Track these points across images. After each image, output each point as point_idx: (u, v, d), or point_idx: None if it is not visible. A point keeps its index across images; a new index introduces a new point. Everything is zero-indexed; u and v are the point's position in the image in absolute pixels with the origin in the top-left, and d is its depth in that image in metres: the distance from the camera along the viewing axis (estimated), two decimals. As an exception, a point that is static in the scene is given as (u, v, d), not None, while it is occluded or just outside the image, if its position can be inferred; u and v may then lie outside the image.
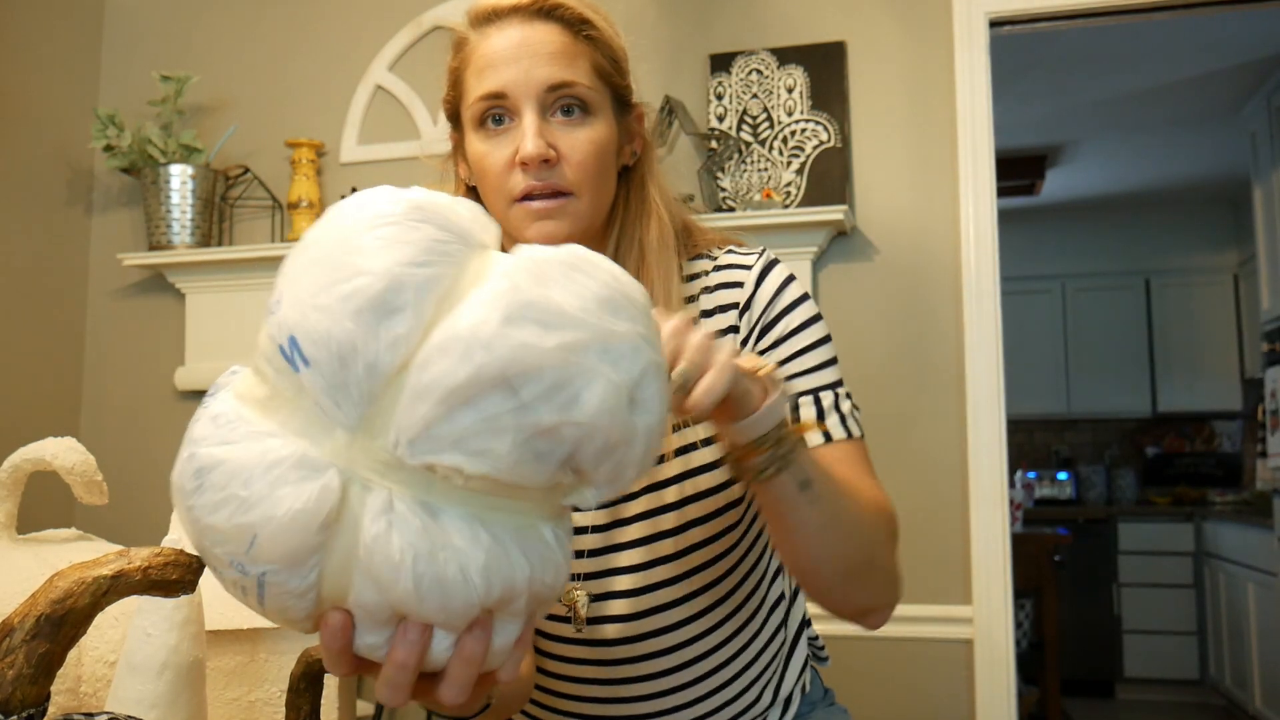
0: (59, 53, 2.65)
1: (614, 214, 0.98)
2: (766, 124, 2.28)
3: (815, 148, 2.25)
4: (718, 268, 0.99)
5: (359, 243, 0.53)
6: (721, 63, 2.33)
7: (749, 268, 0.97)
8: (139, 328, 2.66)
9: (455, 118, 0.98)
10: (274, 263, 2.47)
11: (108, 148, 2.50)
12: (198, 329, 2.56)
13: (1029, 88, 3.98)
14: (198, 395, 2.59)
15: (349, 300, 0.52)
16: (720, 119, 2.31)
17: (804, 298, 0.98)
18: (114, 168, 2.56)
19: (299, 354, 0.52)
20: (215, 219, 2.59)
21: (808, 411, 0.94)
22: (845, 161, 2.23)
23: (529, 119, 0.89)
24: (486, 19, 0.93)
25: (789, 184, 2.24)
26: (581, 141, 0.90)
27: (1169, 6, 2.20)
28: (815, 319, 0.97)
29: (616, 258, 0.97)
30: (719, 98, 2.32)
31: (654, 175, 1.00)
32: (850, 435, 0.93)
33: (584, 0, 0.93)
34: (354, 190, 2.63)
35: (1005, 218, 2.48)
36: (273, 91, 2.65)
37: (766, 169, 2.26)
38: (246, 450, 0.52)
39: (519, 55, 0.89)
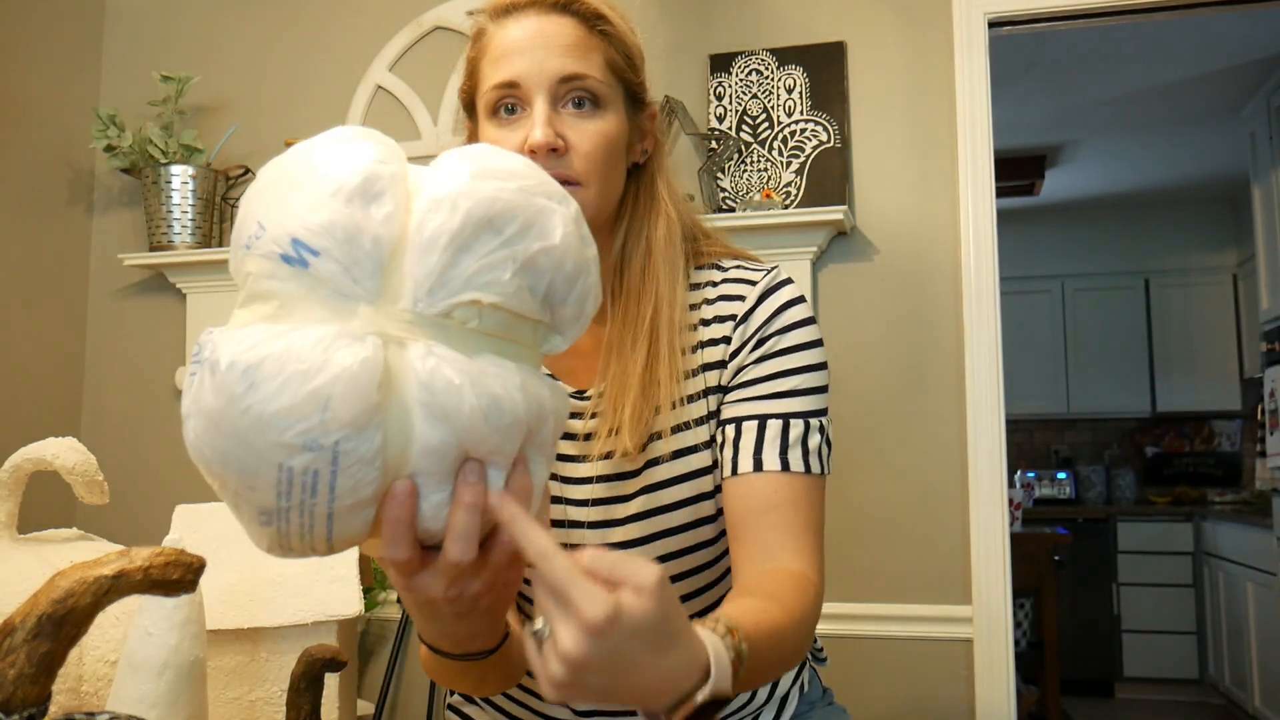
0: (59, 53, 2.65)
1: (622, 210, 0.99)
2: (766, 124, 2.28)
3: (815, 148, 2.25)
4: (725, 280, 0.99)
5: (326, 157, 0.60)
6: (721, 63, 2.33)
7: (754, 284, 0.97)
8: (139, 328, 2.66)
9: (470, 107, 1.00)
10: (274, 263, 2.47)
11: (108, 148, 2.50)
12: (198, 329, 2.56)
13: (1029, 88, 3.98)
14: (198, 395, 2.59)
15: (337, 195, 0.58)
16: (720, 119, 2.31)
17: (806, 321, 0.97)
18: (115, 168, 2.56)
19: (306, 249, 0.57)
20: (216, 219, 2.59)
21: (772, 434, 0.92)
22: (845, 161, 2.23)
23: (539, 108, 0.90)
24: (505, 11, 0.94)
25: (789, 184, 2.24)
26: (591, 133, 0.92)
27: (1169, 6, 2.20)
28: (812, 344, 0.96)
29: (624, 253, 0.98)
30: (719, 98, 2.32)
31: (664, 174, 1.01)
32: (808, 471, 0.91)
33: None
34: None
35: (1005, 218, 2.48)
36: (273, 91, 2.65)
37: (766, 169, 2.26)
38: (287, 340, 0.55)
39: (533, 46, 0.91)
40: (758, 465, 0.91)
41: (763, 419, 0.93)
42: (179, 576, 0.62)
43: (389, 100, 2.56)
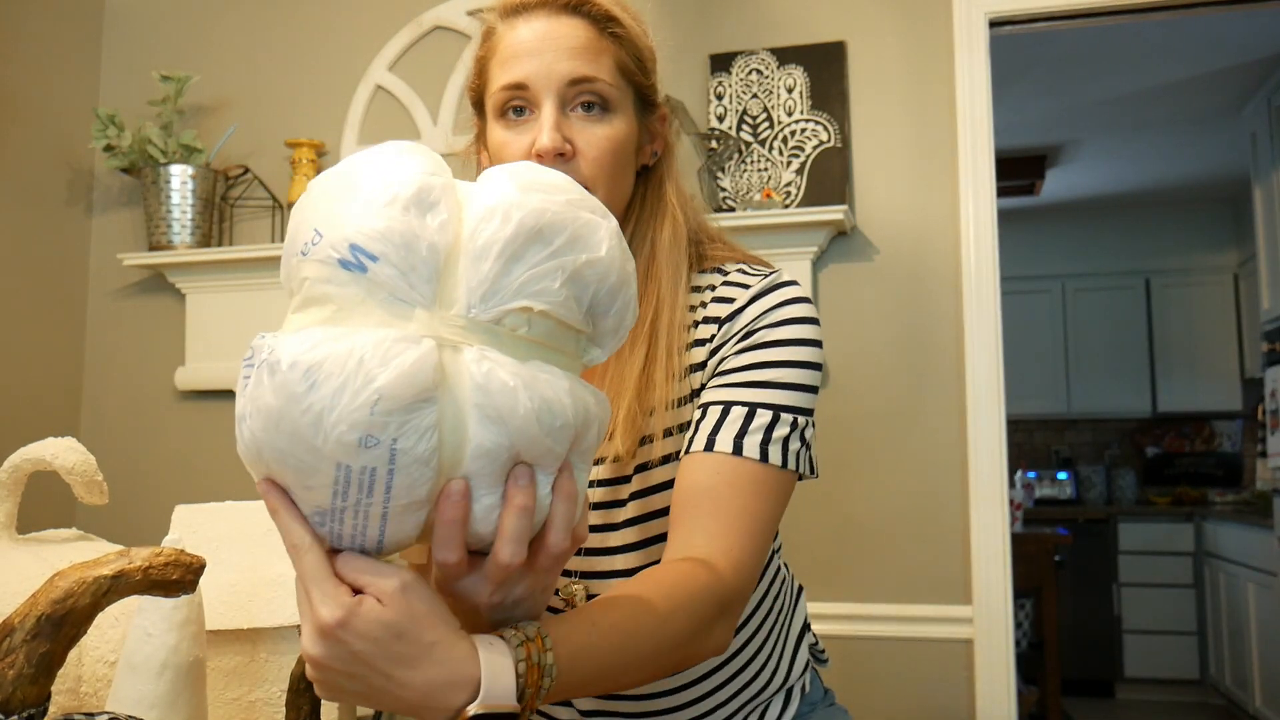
0: (59, 53, 2.65)
1: (629, 212, 0.98)
2: (766, 124, 2.28)
3: (815, 148, 2.25)
4: (723, 284, 0.96)
5: (379, 168, 0.62)
6: (721, 63, 2.33)
7: (748, 287, 0.94)
8: (139, 328, 2.66)
9: (479, 105, 0.99)
10: (274, 263, 2.47)
11: (108, 148, 2.50)
12: (198, 329, 2.56)
13: (1029, 88, 3.98)
14: (198, 395, 2.59)
15: (393, 203, 0.60)
16: (720, 119, 2.31)
17: (802, 320, 0.93)
18: (114, 168, 2.56)
19: (364, 254, 0.59)
20: (215, 219, 2.59)
21: (733, 419, 0.88)
22: (845, 161, 2.23)
23: (547, 112, 0.90)
24: (515, 11, 0.93)
25: (789, 184, 2.24)
26: (599, 138, 0.91)
27: (1169, 6, 2.20)
28: (802, 342, 0.92)
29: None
30: (719, 98, 2.32)
31: (673, 177, 1.00)
32: (764, 459, 0.87)
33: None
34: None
35: (1005, 218, 2.48)
36: (273, 91, 2.65)
37: (766, 169, 2.26)
38: (348, 342, 0.57)
39: (542, 48, 0.90)
40: (709, 445, 0.87)
41: (728, 404, 0.89)
42: (178, 577, 0.62)
43: (389, 100, 2.56)
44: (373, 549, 0.60)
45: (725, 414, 0.89)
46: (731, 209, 2.24)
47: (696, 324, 0.96)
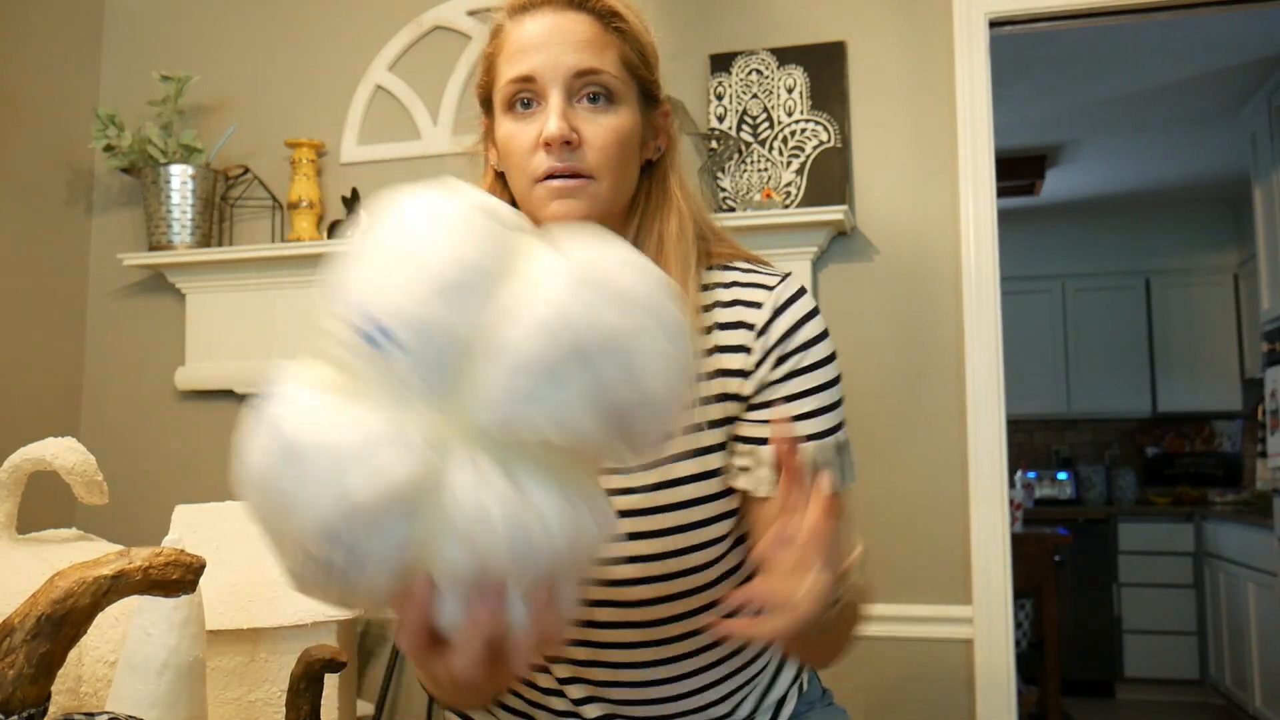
0: (59, 53, 2.65)
1: (635, 205, 1.00)
2: (766, 124, 2.28)
3: (815, 148, 2.25)
4: (737, 284, 0.99)
5: (426, 234, 0.58)
6: (721, 63, 2.33)
7: (770, 289, 0.98)
8: (139, 328, 2.66)
9: (487, 102, 1.00)
10: (274, 263, 2.47)
11: (108, 148, 2.50)
12: (198, 329, 2.56)
13: (1029, 88, 3.98)
14: (198, 395, 2.59)
15: (428, 283, 0.56)
16: (720, 119, 2.31)
17: (823, 335, 0.98)
18: (114, 168, 2.56)
19: (383, 335, 0.56)
20: (215, 219, 2.59)
21: (808, 454, 0.94)
22: (845, 161, 2.23)
23: (554, 102, 0.91)
24: (522, 8, 0.95)
25: (789, 184, 2.24)
26: (604, 128, 0.93)
27: (1169, 6, 2.20)
28: (830, 358, 0.98)
29: (635, 247, 0.96)
30: (719, 98, 2.32)
31: (677, 171, 1.02)
32: (844, 482, 0.97)
33: None
34: (354, 191, 2.61)
35: (1005, 218, 2.48)
36: (273, 91, 2.65)
37: (766, 169, 2.26)
38: (337, 426, 0.55)
39: (549, 41, 0.92)
40: None
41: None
42: (178, 577, 0.62)
43: (389, 100, 2.56)
44: (338, 609, 0.62)
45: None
46: (731, 209, 2.24)
47: (723, 326, 0.97)
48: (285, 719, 0.87)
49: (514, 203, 1.01)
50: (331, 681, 1.00)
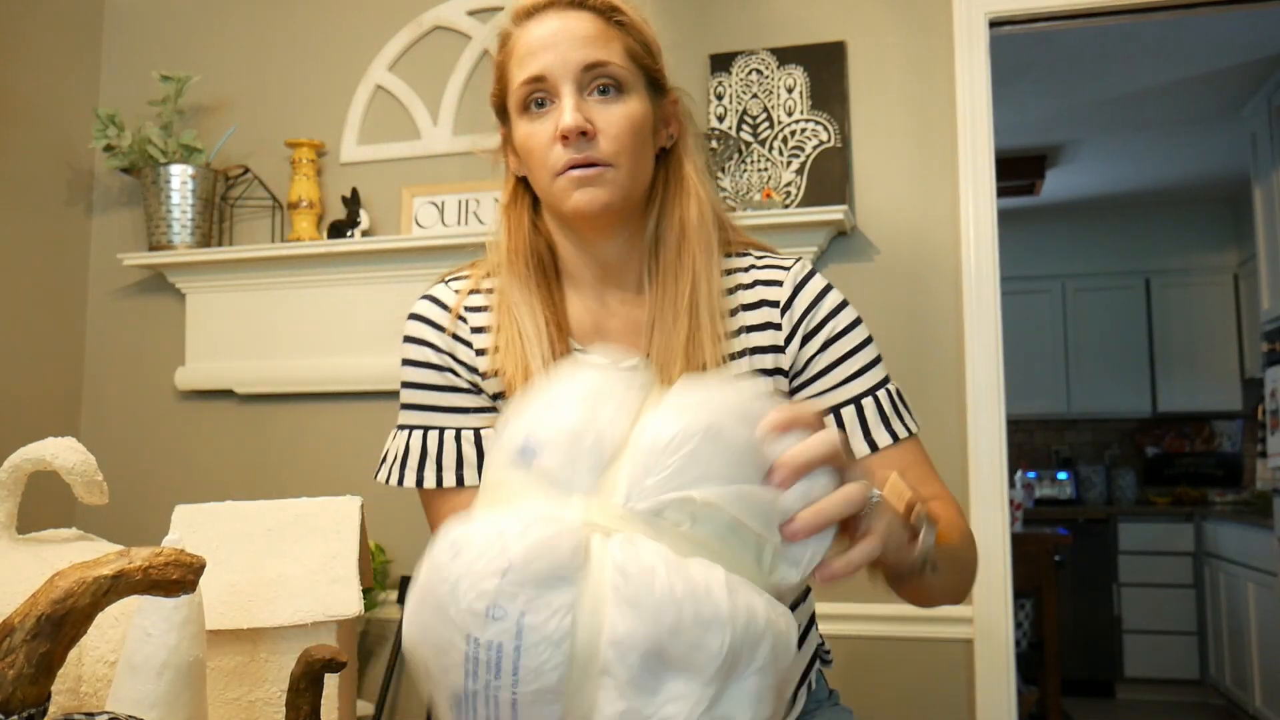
0: (59, 53, 2.65)
1: (653, 193, 1.04)
2: (766, 124, 2.28)
3: (815, 148, 2.25)
4: (755, 267, 1.06)
5: (570, 376, 0.66)
6: (721, 63, 2.33)
7: (787, 269, 1.06)
8: (139, 328, 2.66)
9: (502, 111, 1.05)
10: (274, 263, 2.47)
11: (108, 148, 2.50)
12: (198, 329, 2.56)
13: (1029, 88, 3.98)
14: (198, 395, 2.59)
15: (570, 395, 0.63)
16: (720, 119, 2.31)
17: (844, 303, 1.06)
18: (114, 168, 2.56)
19: (535, 444, 0.62)
20: (215, 219, 2.59)
21: (871, 413, 1.02)
22: (845, 161, 2.23)
23: (567, 97, 0.96)
24: (527, 14, 1.00)
25: (789, 184, 2.24)
26: (617, 116, 0.97)
27: (1169, 6, 2.20)
28: (857, 322, 1.06)
29: (657, 235, 1.04)
30: (719, 98, 2.32)
31: (691, 158, 1.07)
32: (911, 433, 1.04)
33: None
34: (354, 191, 2.59)
35: (1005, 218, 2.48)
36: (273, 91, 2.65)
37: (766, 169, 2.26)
38: (498, 519, 0.59)
39: (556, 41, 0.97)
40: (873, 447, 1.02)
41: (856, 402, 1.03)
42: (179, 576, 0.62)
43: (389, 100, 2.56)
44: None
45: (861, 413, 1.03)
46: (732, 209, 2.24)
47: (748, 306, 1.04)
48: (285, 719, 0.87)
49: (536, 205, 1.05)
50: (332, 681, 1.00)
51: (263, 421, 2.55)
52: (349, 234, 2.45)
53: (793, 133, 2.26)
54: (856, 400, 1.03)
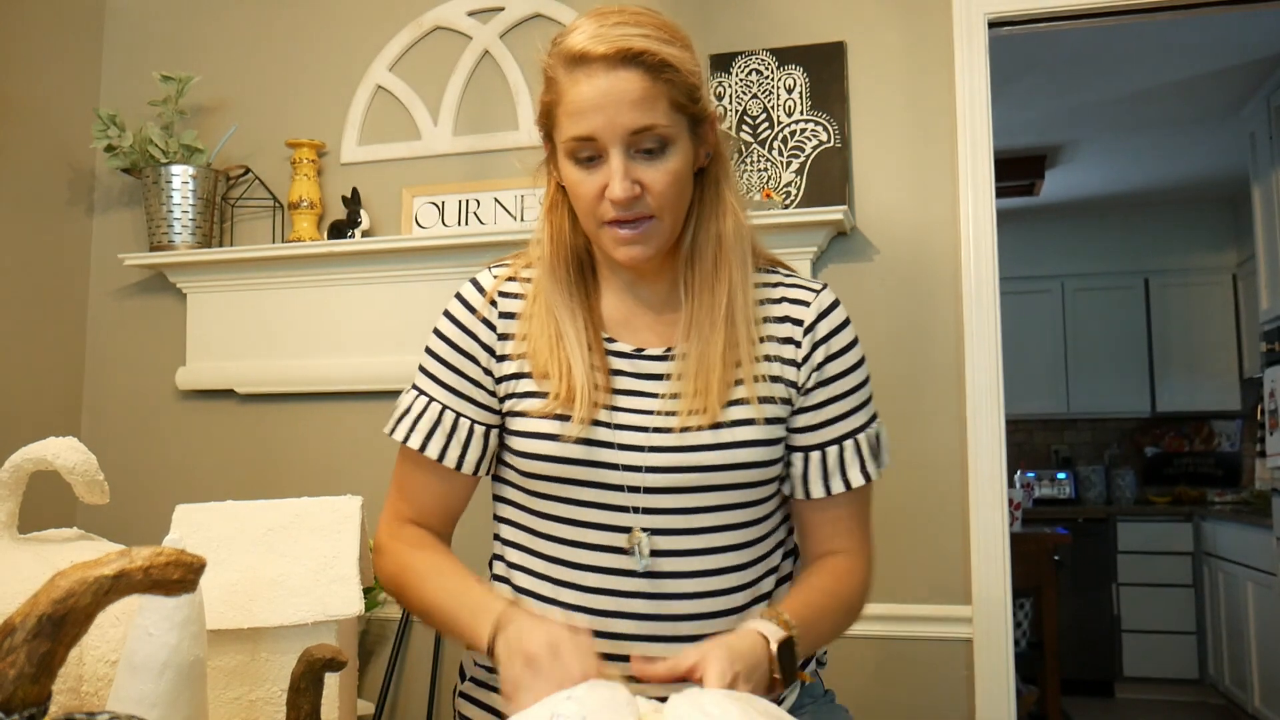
0: (59, 53, 2.65)
1: (690, 211, 1.10)
2: (766, 124, 2.28)
3: (815, 148, 2.25)
4: (783, 284, 1.14)
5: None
6: (721, 63, 2.33)
7: (816, 292, 1.14)
8: (140, 328, 2.66)
9: (548, 136, 1.10)
10: (275, 262, 2.47)
11: (109, 148, 2.50)
12: (198, 329, 2.56)
13: (1029, 88, 3.98)
14: (198, 395, 2.59)
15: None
16: (720, 119, 2.30)
17: (856, 341, 1.15)
18: (115, 168, 2.56)
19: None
20: (216, 219, 2.59)
21: (849, 455, 1.13)
22: (845, 161, 2.23)
23: (616, 162, 1.01)
24: (575, 61, 1.02)
25: (789, 184, 2.24)
26: (662, 174, 1.02)
27: (1169, 6, 2.20)
28: (862, 361, 1.15)
29: (693, 247, 1.09)
30: (719, 98, 2.32)
31: (728, 176, 1.12)
32: (868, 479, 1.14)
33: (662, 35, 1.02)
34: (355, 191, 2.59)
35: (1005, 218, 2.48)
36: (273, 91, 2.65)
37: (766, 169, 2.26)
38: None
39: (604, 104, 1.00)
40: (847, 485, 1.13)
41: (839, 442, 1.13)
42: (179, 576, 0.62)
43: (389, 100, 2.56)
44: None
45: (842, 453, 1.13)
46: (731, 209, 2.24)
47: (777, 320, 1.12)
48: (285, 718, 0.87)
49: (574, 218, 1.11)
50: (332, 681, 1.00)
51: (263, 421, 2.55)
52: (349, 234, 2.45)
53: (792, 133, 2.26)
54: (839, 440, 1.13)
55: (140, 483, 2.55)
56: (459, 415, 1.12)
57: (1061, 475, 5.78)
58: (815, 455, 1.12)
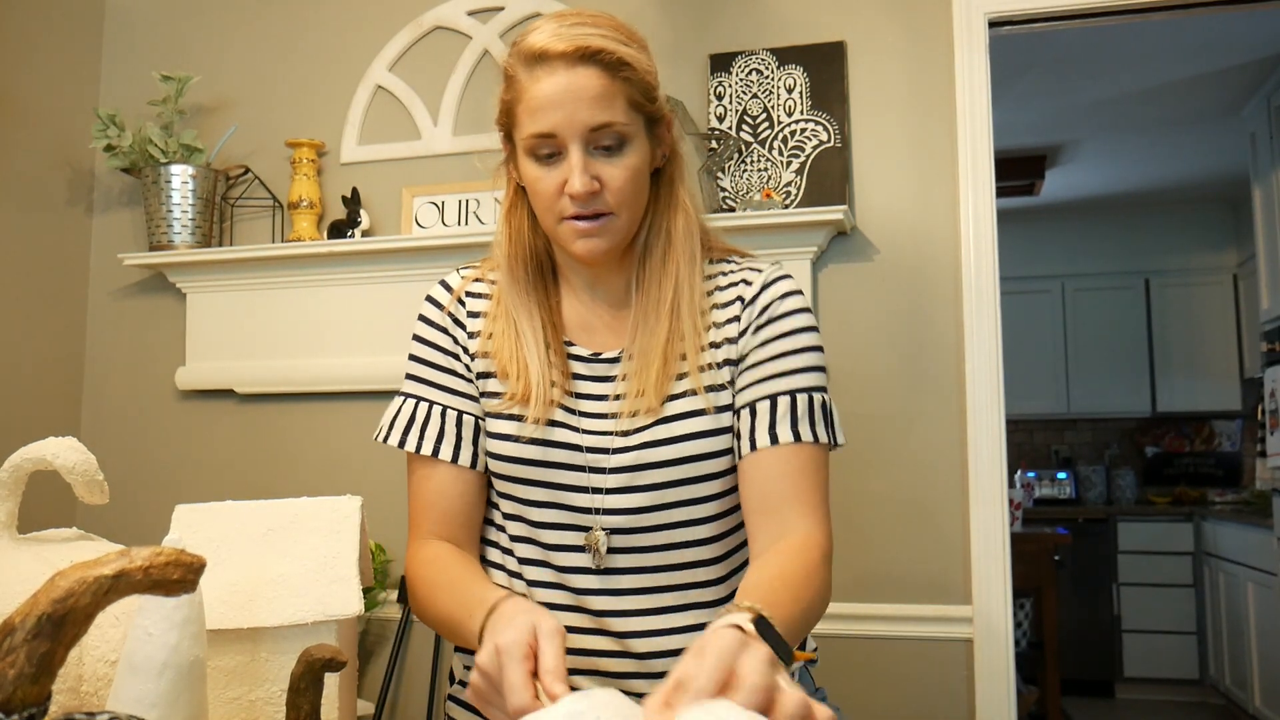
0: (59, 53, 2.65)
1: (646, 209, 1.11)
2: (766, 124, 2.28)
3: (815, 148, 2.25)
4: (734, 271, 1.14)
5: None
6: (721, 63, 2.33)
7: (760, 271, 1.13)
8: (139, 328, 2.66)
9: (508, 135, 1.11)
10: (274, 263, 2.47)
11: (108, 148, 2.50)
12: (198, 329, 2.56)
13: (1029, 88, 3.98)
14: (198, 395, 2.59)
15: None
16: (720, 119, 2.31)
17: (804, 309, 1.12)
18: (115, 168, 2.56)
19: None
20: (216, 219, 2.59)
21: (783, 408, 1.06)
22: (845, 161, 2.23)
23: (575, 157, 1.02)
24: (535, 60, 1.03)
25: (789, 184, 2.24)
26: (620, 170, 1.04)
27: (1169, 6, 2.20)
28: (810, 329, 1.11)
29: (645, 244, 1.12)
30: (719, 98, 2.32)
31: (681, 175, 1.14)
32: (816, 440, 1.06)
33: (620, 35, 1.04)
34: (354, 191, 2.59)
35: (1005, 218, 2.49)
36: (273, 91, 2.65)
37: (766, 169, 2.26)
38: None
39: (564, 100, 1.01)
40: (774, 439, 1.05)
41: (773, 398, 1.07)
42: (179, 576, 0.62)
43: (389, 100, 2.56)
44: None
45: (774, 408, 1.07)
46: (731, 209, 2.25)
47: (721, 306, 1.12)
48: (285, 718, 0.87)
49: (533, 219, 1.12)
50: (332, 681, 1.00)
51: (263, 421, 2.55)
52: (349, 234, 2.45)
53: (792, 133, 2.26)
54: (774, 396, 1.07)
55: (140, 483, 2.55)
56: (462, 413, 1.13)
57: (1062, 475, 5.78)
58: (763, 405, 1.07)
